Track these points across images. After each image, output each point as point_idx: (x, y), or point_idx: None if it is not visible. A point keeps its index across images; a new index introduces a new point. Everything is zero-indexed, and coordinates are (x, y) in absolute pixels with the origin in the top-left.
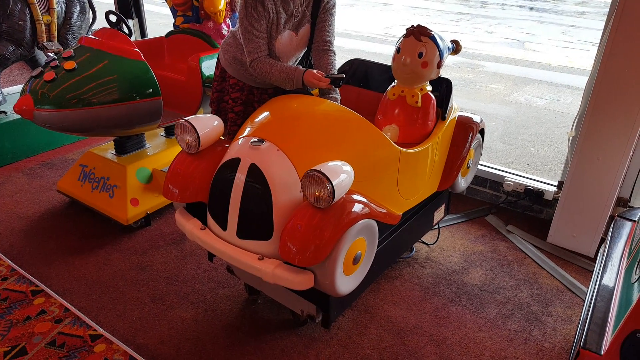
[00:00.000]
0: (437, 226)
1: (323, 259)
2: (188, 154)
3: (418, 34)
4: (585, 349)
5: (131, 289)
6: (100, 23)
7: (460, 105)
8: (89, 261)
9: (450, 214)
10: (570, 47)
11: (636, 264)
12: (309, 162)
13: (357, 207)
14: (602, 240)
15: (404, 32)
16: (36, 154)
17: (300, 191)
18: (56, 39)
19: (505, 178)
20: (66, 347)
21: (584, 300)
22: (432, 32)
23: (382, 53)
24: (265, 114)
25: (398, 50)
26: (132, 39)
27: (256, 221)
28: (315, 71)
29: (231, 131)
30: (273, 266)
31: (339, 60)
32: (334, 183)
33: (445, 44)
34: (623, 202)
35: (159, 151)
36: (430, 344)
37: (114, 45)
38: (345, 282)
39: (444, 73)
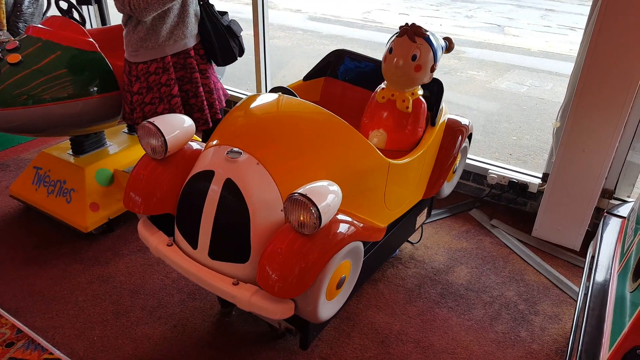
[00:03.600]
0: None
1: (306, 289)
2: (153, 159)
3: (412, 34)
4: None
5: (92, 304)
6: (55, 10)
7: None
8: (45, 274)
9: (434, 209)
10: (550, 32)
11: (631, 270)
12: (292, 177)
13: (344, 228)
14: (588, 233)
15: (397, 30)
16: None
17: (282, 210)
18: (5, 28)
19: (489, 171)
20: None
21: (576, 301)
22: (427, 33)
23: (362, 39)
24: (242, 118)
25: (390, 51)
26: (92, 26)
27: (231, 242)
28: None
29: (187, 113)
30: (249, 293)
31: (323, 49)
32: (320, 208)
33: (439, 43)
34: (608, 194)
35: (121, 149)
36: (416, 352)
37: (65, 36)
38: (328, 308)
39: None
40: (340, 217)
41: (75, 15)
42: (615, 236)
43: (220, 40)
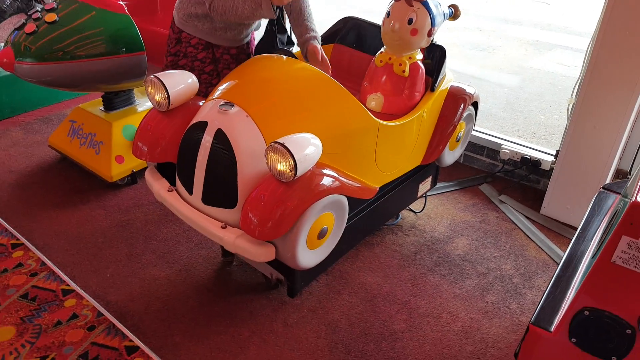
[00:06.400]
0: (424, 195)
1: (282, 233)
2: (159, 111)
3: None
4: (536, 325)
5: (109, 246)
6: None
7: (473, 72)
8: (72, 217)
9: (443, 182)
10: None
11: (603, 236)
12: (278, 130)
13: (326, 181)
14: None
15: None
16: (34, 109)
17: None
18: None
19: (502, 146)
20: (38, 300)
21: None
22: None
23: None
24: (239, 75)
25: (387, 14)
26: None
27: (221, 188)
28: None
29: (207, 93)
30: (235, 236)
31: (330, 18)
32: (296, 158)
33: (439, 10)
34: (622, 174)
35: (149, 108)
36: (401, 312)
37: None
38: (309, 256)
39: (463, 37)
40: (324, 171)
41: None
42: (606, 210)
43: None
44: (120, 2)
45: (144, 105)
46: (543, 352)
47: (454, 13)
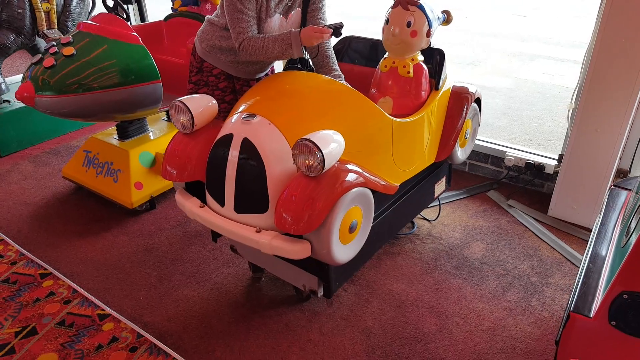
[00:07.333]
0: (438, 202)
1: (317, 226)
2: (184, 134)
3: (405, 4)
4: (576, 312)
5: (137, 270)
6: (100, 10)
7: (464, 82)
8: (96, 244)
9: (452, 190)
10: (578, 20)
11: (626, 228)
12: (300, 133)
13: (351, 176)
14: None
15: (392, 3)
16: (41, 142)
17: (293, 163)
18: (56, 27)
19: (507, 153)
20: (75, 326)
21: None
22: (420, 1)
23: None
24: (258, 91)
25: (387, 21)
26: (132, 23)
27: (252, 195)
28: (312, 26)
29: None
30: (270, 237)
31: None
32: (323, 151)
33: (434, 14)
34: (623, 174)
35: (162, 135)
36: (430, 315)
37: (112, 30)
38: (343, 251)
39: (451, 52)
40: (348, 166)
41: (121, 12)
42: (620, 206)
43: None
44: (134, 33)
45: (157, 132)
46: (583, 337)
47: (447, 18)
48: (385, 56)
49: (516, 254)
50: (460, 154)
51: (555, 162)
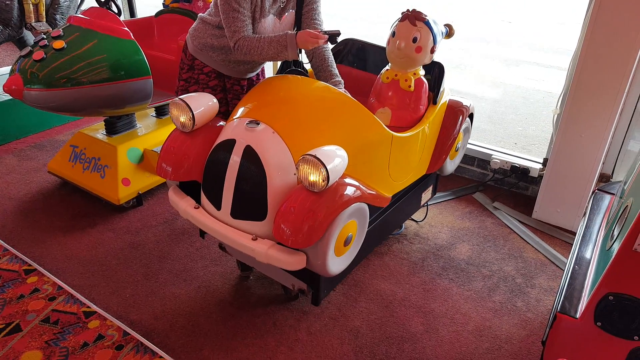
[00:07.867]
0: (425, 204)
1: (316, 241)
2: (182, 132)
3: (413, 19)
4: (562, 312)
5: (124, 267)
6: (89, 3)
7: (450, 87)
8: (81, 240)
9: (439, 192)
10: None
11: (611, 232)
12: (303, 144)
13: (350, 191)
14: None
15: (400, 15)
16: (26, 136)
17: (295, 174)
18: (44, 19)
19: (492, 156)
20: (60, 323)
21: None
22: (427, 17)
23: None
24: (261, 95)
25: (393, 34)
26: (122, 18)
27: (250, 202)
28: (309, 30)
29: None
30: (266, 247)
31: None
32: (328, 168)
33: (439, 28)
34: (605, 178)
35: (150, 131)
36: (417, 315)
37: (103, 25)
38: (336, 263)
39: (439, 56)
40: (347, 180)
41: (113, 7)
42: (604, 210)
43: None
44: (125, 28)
45: (145, 128)
46: (570, 337)
47: (449, 32)
48: (387, 67)
49: (501, 255)
50: (450, 165)
51: (540, 166)
